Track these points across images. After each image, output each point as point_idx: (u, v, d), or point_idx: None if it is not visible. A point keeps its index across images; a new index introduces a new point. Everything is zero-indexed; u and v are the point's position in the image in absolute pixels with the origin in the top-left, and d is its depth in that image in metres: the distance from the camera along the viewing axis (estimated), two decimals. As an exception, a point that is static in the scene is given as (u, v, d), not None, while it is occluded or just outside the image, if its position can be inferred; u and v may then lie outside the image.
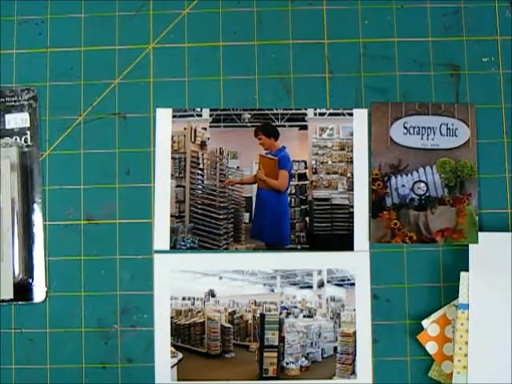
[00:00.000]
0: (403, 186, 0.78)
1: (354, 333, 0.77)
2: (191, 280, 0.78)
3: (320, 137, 0.80)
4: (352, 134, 0.79)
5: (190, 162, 0.80)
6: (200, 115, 0.80)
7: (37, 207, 0.79)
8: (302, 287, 0.78)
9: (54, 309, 0.78)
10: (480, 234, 0.77)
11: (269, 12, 0.81)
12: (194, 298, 0.78)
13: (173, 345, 0.77)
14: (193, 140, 0.80)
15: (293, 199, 0.80)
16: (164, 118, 0.80)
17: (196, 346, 0.78)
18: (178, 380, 0.77)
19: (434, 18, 0.81)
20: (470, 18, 0.81)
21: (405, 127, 0.79)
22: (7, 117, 0.80)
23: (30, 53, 0.81)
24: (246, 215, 0.80)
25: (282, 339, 0.78)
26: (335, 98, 0.80)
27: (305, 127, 0.80)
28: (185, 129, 0.80)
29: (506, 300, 0.75)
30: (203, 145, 0.80)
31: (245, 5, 0.81)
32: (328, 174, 0.80)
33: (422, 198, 0.78)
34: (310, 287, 0.78)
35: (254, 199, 0.80)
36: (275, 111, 0.80)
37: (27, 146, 0.79)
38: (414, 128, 0.79)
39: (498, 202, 0.78)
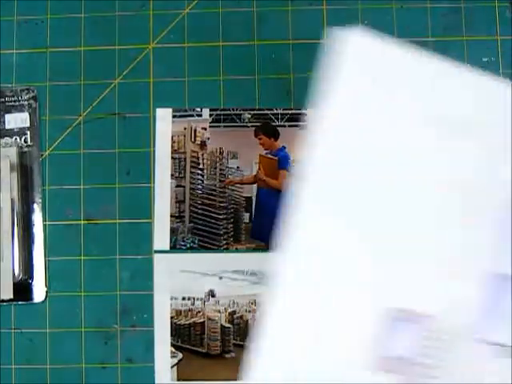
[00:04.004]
0: (403, 186, 0.78)
1: (354, 333, 0.77)
2: (191, 280, 0.78)
3: (320, 137, 0.80)
4: (352, 134, 0.79)
5: (189, 162, 0.80)
6: (200, 115, 0.80)
7: (37, 207, 0.79)
8: (302, 287, 0.78)
9: (54, 309, 0.78)
10: (480, 234, 0.77)
11: (269, 12, 0.81)
12: (193, 298, 0.78)
13: (173, 345, 0.77)
14: (193, 140, 0.80)
15: (293, 199, 0.80)
16: (164, 118, 0.80)
17: (196, 346, 0.78)
18: (178, 380, 0.77)
19: (433, 18, 0.81)
20: (470, 17, 0.81)
21: (405, 127, 0.79)
22: (7, 117, 0.80)
23: (30, 53, 0.81)
24: (246, 215, 0.80)
25: (282, 339, 0.78)
26: (335, 98, 0.80)
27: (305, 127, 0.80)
28: (185, 129, 0.80)
29: (506, 300, 0.75)
30: (203, 145, 0.80)
31: (245, 5, 0.81)
32: (328, 174, 0.79)
33: (422, 198, 0.78)
34: (310, 287, 0.78)
35: (253, 199, 0.80)
36: (275, 111, 0.80)
37: (27, 146, 0.79)
38: (414, 128, 0.79)
39: (498, 202, 0.78)
